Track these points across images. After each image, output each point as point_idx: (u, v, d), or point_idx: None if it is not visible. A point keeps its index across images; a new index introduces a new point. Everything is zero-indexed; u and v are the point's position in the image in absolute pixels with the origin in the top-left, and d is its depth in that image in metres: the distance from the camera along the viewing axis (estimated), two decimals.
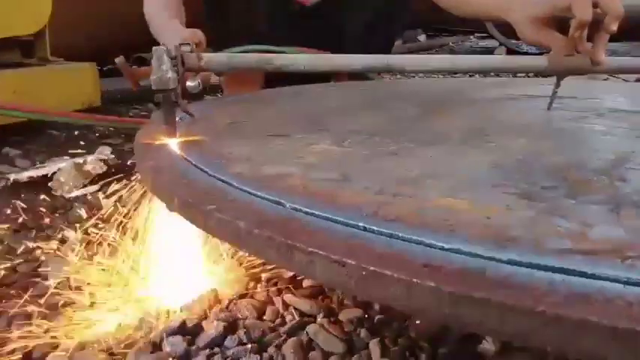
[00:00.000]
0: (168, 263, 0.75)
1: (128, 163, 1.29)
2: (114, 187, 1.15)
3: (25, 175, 1.16)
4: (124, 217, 0.86)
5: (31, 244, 0.91)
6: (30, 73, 1.46)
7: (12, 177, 1.16)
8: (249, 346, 0.63)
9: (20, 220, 1.02)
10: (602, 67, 0.83)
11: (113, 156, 1.30)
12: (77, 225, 0.96)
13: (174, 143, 0.62)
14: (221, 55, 0.81)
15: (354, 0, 1.49)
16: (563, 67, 0.82)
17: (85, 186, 1.18)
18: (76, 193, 1.15)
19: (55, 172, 1.17)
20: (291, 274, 0.79)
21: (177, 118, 0.78)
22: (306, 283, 0.77)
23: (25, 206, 1.07)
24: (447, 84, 1.40)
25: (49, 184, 1.17)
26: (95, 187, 1.17)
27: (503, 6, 0.93)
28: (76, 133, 1.55)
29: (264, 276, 0.79)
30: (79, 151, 1.39)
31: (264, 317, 0.70)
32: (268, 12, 1.48)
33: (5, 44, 1.53)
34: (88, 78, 1.62)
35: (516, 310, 0.28)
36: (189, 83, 0.84)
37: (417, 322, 0.67)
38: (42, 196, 1.13)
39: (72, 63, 1.62)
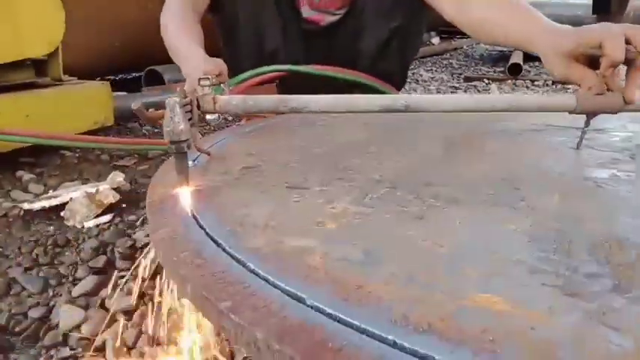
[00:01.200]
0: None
1: (139, 192, 1.28)
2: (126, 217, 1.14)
3: (37, 205, 1.14)
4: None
5: (41, 285, 0.89)
6: (42, 96, 1.45)
7: (25, 206, 1.15)
8: None
9: (33, 254, 1.00)
10: (635, 106, 0.78)
11: (125, 182, 1.28)
12: (88, 264, 0.95)
13: (187, 203, 0.60)
14: (237, 97, 0.78)
15: (369, 19, 1.46)
16: (594, 106, 0.78)
17: (97, 216, 1.16)
18: (88, 224, 1.13)
19: (67, 202, 1.16)
20: None
21: (190, 163, 0.76)
22: None
23: (36, 240, 1.05)
24: None
25: (62, 213, 1.15)
26: (108, 218, 1.16)
27: (531, 37, 0.88)
28: (88, 154, 1.54)
29: None
30: (90, 178, 1.38)
31: None
32: (282, 32, 1.45)
33: (19, 63, 1.52)
34: (102, 98, 1.60)
35: None
36: (208, 117, 0.83)
37: None
38: (54, 227, 1.11)
39: (85, 83, 1.60)
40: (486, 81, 3.09)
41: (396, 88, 1.57)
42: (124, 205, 1.21)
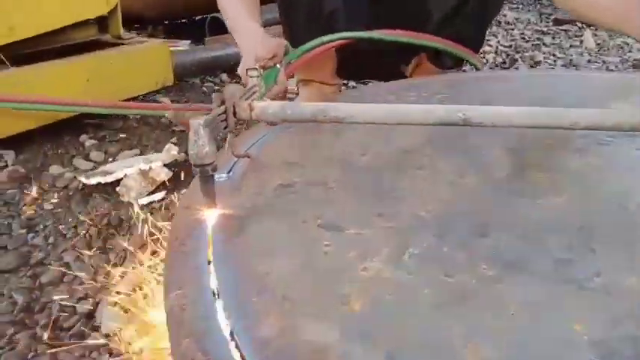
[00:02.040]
0: None
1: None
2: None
3: (94, 181, 1.16)
4: None
5: (91, 275, 0.91)
6: (102, 59, 1.44)
7: (83, 180, 1.18)
8: None
9: (87, 236, 1.03)
10: None
11: (180, 154, 1.27)
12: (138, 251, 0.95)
13: (205, 252, 0.55)
14: (274, 105, 0.70)
15: None
16: None
17: (151, 193, 1.17)
18: (142, 200, 1.14)
19: (122, 179, 1.17)
20: None
21: (224, 176, 0.71)
22: None
23: (92, 219, 1.08)
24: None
25: (117, 189, 1.17)
26: (160, 195, 1.16)
27: (628, 20, 0.73)
28: (148, 117, 1.53)
29: None
30: (148, 145, 1.38)
31: None
32: None
33: (81, 22, 1.51)
34: (162, 57, 1.57)
35: None
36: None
37: None
38: (109, 204, 1.13)
39: (144, 43, 1.57)
40: (579, 25, 2.69)
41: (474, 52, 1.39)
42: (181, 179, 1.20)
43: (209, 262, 0.53)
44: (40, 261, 0.96)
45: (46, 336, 0.77)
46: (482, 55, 2.18)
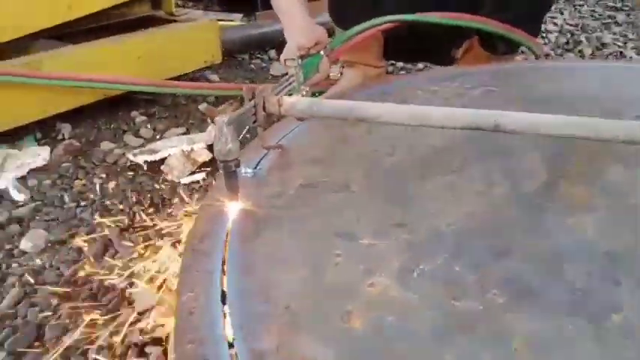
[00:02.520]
0: None
1: None
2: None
3: (141, 159, 1.21)
4: None
5: (130, 252, 0.96)
6: (153, 38, 1.47)
7: (131, 157, 1.23)
8: None
9: (131, 213, 1.09)
10: None
11: None
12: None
13: (220, 253, 0.56)
14: (302, 101, 0.71)
15: None
16: None
17: (192, 173, 1.21)
18: (184, 180, 1.19)
19: (166, 158, 1.21)
20: None
21: (249, 171, 0.73)
22: None
23: (137, 195, 1.13)
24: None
25: (161, 167, 1.21)
26: (201, 175, 1.19)
27: None
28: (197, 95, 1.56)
29: None
30: (195, 123, 1.42)
31: None
32: None
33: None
34: (211, 36, 1.59)
35: None
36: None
37: None
38: (154, 181, 1.18)
39: (194, 20, 1.59)
40: None
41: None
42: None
43: (223, 264, 0.55)
44: (87, 234, 1.03)
45: (84, 309, 0.83)
46: (543, 35, 2.04)
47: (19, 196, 1.13)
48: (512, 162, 0.73)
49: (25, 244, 0.99)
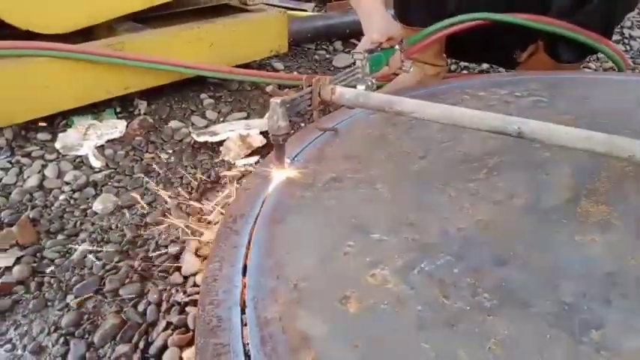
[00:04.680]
0: None
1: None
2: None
3: (202, 139, 1.33)
4: None
5: (184, 222, 1.07)
6: (225, 26, 1.57)
7: (194, 137, 1.35)
8: None
9: (188, 187, 1.20)
10: None
11: None
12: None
13: (248, 230, 0.64)
14: (351, 92, 0.79)
15: None
16: None
17: (247, 156, 1.30)
18: (239, 162, 1.28)
19: (225, 140, 1.32)
20: None
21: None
22: None
23: (195, 171, 1.24)
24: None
25: (220, 148, 1.32)
26: (255, 159, 1.29)
27: None
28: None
29: None
30: (256, 108, 1.51)
31: None
32: None
33: None
34: (279, 26, 1.67)
35: None
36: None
37: None
38: (212, 160, 1.29)
39: (264, 12, 1.68)
40: None
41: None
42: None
43: (248, 243, 0.63)
44: (149, 203, 1.15)
45: (140, 268, 0.95)
46: (626, 41, 1.94)
47: (96, 163, 1.27)
48: (539, 175, 0.75)
49: (97, 205, 1.13)
